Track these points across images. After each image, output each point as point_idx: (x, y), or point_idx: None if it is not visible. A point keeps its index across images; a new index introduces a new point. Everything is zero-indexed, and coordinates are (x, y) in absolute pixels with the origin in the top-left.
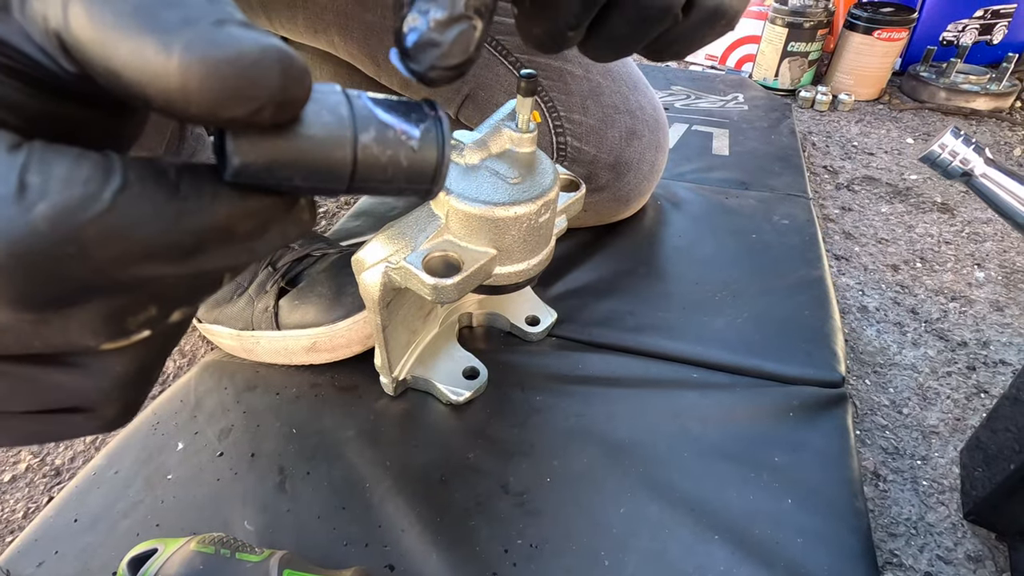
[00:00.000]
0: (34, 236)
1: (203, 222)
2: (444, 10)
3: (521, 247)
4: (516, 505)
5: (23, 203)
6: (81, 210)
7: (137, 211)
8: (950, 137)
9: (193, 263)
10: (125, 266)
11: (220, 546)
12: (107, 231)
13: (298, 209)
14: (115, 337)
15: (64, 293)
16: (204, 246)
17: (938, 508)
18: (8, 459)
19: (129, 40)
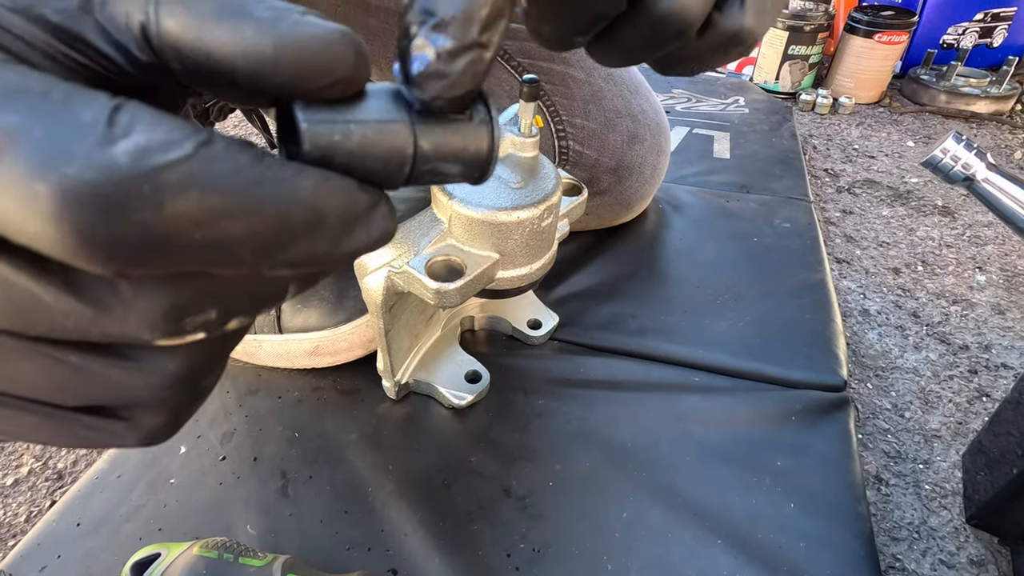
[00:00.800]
0: (112, 168)
1: (287, 192)
2: (454, 39)
3: (524, 251)
4: (519, 509)
5: (108, 136)
6: (163, 152)
7: (219, 166)
8: (952, 142)
9: (270, 249)
10: (199, 225)
11: (223, 551)
12: (186, 178)
13: (382, 206)
14: (171, 334)
15: (131, 247)
16: (285, 225)
17: (940, 512)
18: (11, 462)
19: (227, 27)
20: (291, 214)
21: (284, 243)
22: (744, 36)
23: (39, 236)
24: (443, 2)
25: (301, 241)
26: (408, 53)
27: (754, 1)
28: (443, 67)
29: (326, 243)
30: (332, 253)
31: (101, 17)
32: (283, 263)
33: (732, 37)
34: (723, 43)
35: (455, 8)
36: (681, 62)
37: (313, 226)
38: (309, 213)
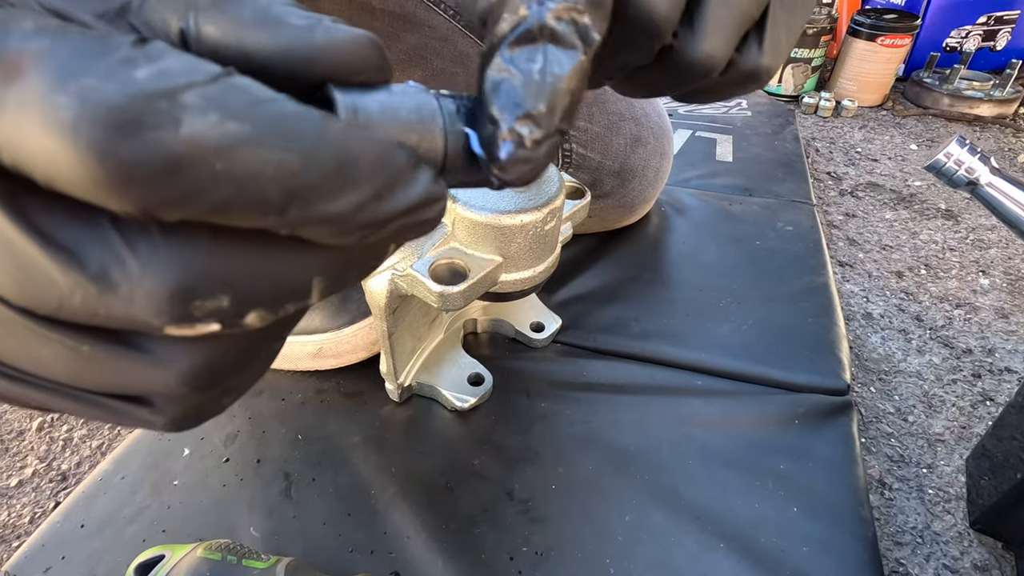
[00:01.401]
0: (131, 83)
1: (315, 128)
2: (540, 130)
3: (527, 255)
4: (521, 512)
5: (131, 58)
6: (184, 75)
7: (242, 94)
8: (955, 146)
9: (300, 190)
10: (219, 153)
11: (227, 552)
12: (206, 100)
13: (424, 168)
14: (179, 319)
15: (148, 169)
16: (314, 162)
17: (944, 517)
18: (15, 464)
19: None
20: (319, 151)
21: (314, 186)
22: (761, 74)
23: (56, 154)
24: (530, 97)
25: (332, 186)
26: (496, 140)
27: (771, 42)
28: (529, 154)
29: (361, 195)
30: (371, 211)
31: (138, 22)
32: (317, 216)
33: (750, 75)
34: (742, 80)
35: (542, 103)
36: (699, 94)
37: (345, 170)
38: (339, 153)
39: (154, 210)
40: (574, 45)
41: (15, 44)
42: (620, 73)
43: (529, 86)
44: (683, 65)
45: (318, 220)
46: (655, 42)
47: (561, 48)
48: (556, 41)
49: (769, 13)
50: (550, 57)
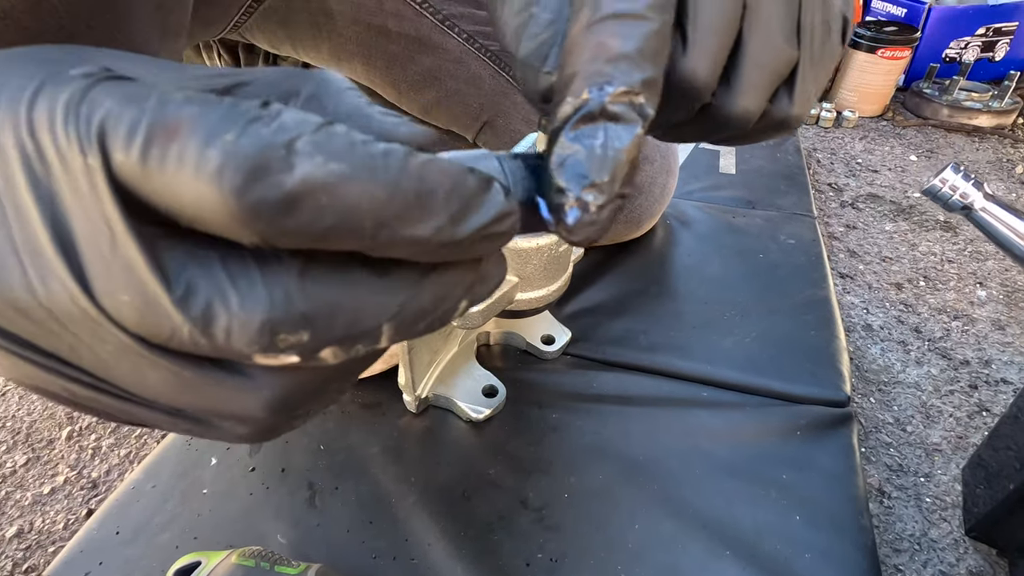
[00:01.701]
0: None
1: (398, 163)
2: (604, 196)
3: (541, 275)
4: (536, 520)
5: (259, 117)
6: (296, 127)
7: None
8: (950, 172)
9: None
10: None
11: (260, 559)
12: (313, 146)
13: (494, 190)
14: (266, 349)
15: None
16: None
17: (941, 524)
18: (47, 471)
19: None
20: (402, 183)
21: (399, 214)
22: (791, 122)
23: (208, 200)
24: (594, 169)
25: (415, 213)
26: (564, 207)
27: (800, 95)
28: (594, 218)
29: (440, 219)
30: (450, 233)
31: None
32: (404, 239)
33: (781, 124)
34: (772, 128)
35: (605, 174)
36: (732, 141)
37: (424, 198)
38: (418, 183)
39: (274, 238)
40: (631, 121)
41: (172, 112)
42: (661, 128)
43: (592, 159)
44: (721, 120)
45: (404, 242)
46: (696, 103)
47: (620, 124)
48: (614, 119)
49: (799, 70)
50: (610, 133)
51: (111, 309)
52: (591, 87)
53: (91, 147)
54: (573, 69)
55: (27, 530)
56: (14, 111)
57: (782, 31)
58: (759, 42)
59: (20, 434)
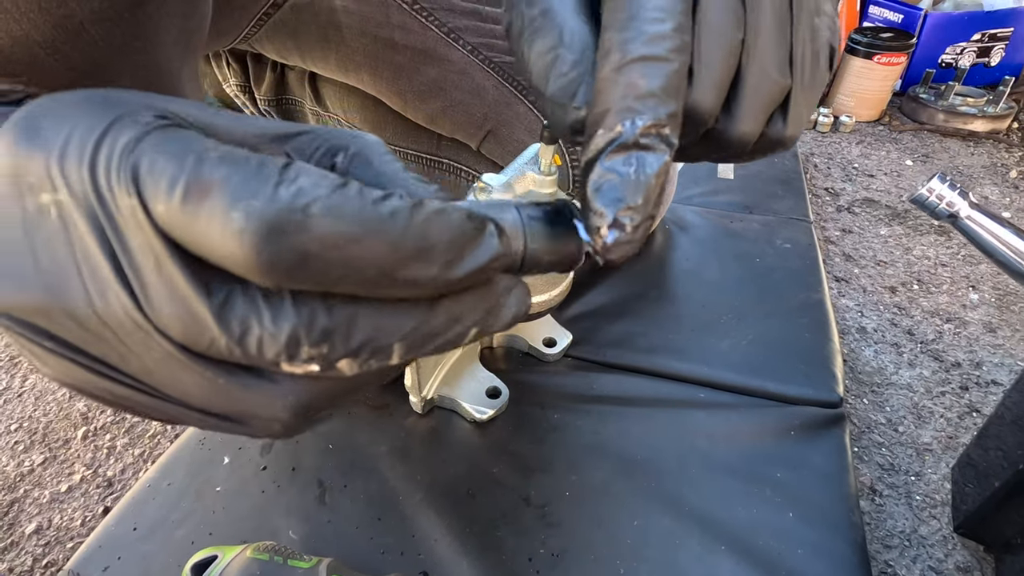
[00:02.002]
0: (278, 201)
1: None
2: (639, 216)
3: (543, 281)
4: (538, 517)
5: (279, 182)
6: (312, 191)
7: (351, 203)
8: (937, 182)
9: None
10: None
11: (273, 553)
12: (325, 209)
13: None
14: (292, 358)
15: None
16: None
17: (930, 522)
18: (63, 470)
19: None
20: (404, 240)
21: (400, 263)
22: (786, 142)
23: (231, 252)
24: (629, 193)
25: (415, 263)
26: (601, 228)
27: (794, 117)
28: (630, 237)
29: (437, 266)
30: (446, 275)
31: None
32: (404, 281)
33: (777, 143)
34: (770, 148)
35: (639, 197)
36: (732, 159)
37: (423, 251)
38: (419, 240)
39: (288, 285)
40: (660, 150)
41: (207, 172)
42: None
43: (627, 184)
44: (723, 143)
45: (403, 285)
46: (701, 129)
47: (649, 153)
48: (645, 149)
49: (791, 96)
50: (641, 161)
51: (158, 321)
52: (623, 120)
53: (135, 192)
54: (606, 106)
55: (46, 527)
56: (82, 150)
57: (776, 64)
58: (756, 74)
59: (37, 434)
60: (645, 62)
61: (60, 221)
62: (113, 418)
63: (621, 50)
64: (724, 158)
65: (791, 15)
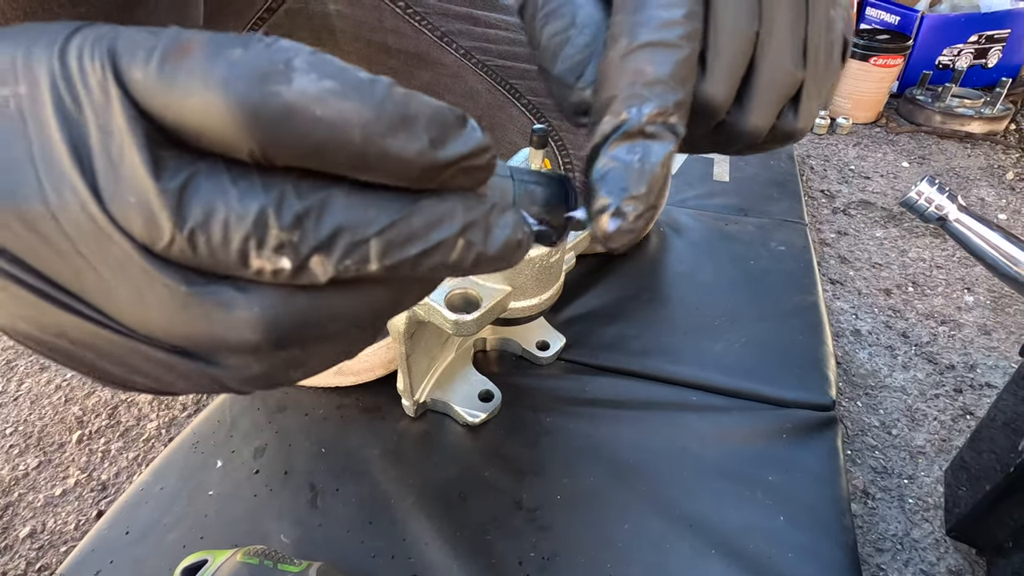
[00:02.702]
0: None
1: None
2: (642, 205)
3: (534, 284)
4: (529, 521)
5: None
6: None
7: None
8: (925, 185)
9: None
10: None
11: (263, 558)
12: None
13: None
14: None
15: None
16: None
17: (923, 525)
18: (58, 474)
19: None
20: (387, 105)
21: (385, 131)
22: (796, 135)
23: (210, 104)
24: (633, 182)
25: (400, 132)
26: (603, 216)
27: (805, 110)
28: (631, 226)
29: (422, 141)
30: (431, 156)
31: None
32: (390, 157)
33: (787, 136)
34: (780, 140)
35: (642, 186)
36: (741, 152)
37: (408, 120)
38: (402, 108)
39: (272, 148)
40: (666, 139)
41: (187, 38)
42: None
43: (631, 173)
44: (734, 135)
45: (390, 160)
46: (712, 121)
47: (655, 141)
48: (651, 137)
49: (804, 89)
50: (647, 150)
51: (118, 215)
52: (629, 107)
53: (109, 65)
54: (612, 92)
55: (40, 530)
56: (51, 45)
57: (791, 56)
58: (770, 67)
59: (32, 438)
60: (654, 48)
61: (18, 113)
62: (108, 422)
63: (630, 35)
64: (733, 150)
65: (806, 6)
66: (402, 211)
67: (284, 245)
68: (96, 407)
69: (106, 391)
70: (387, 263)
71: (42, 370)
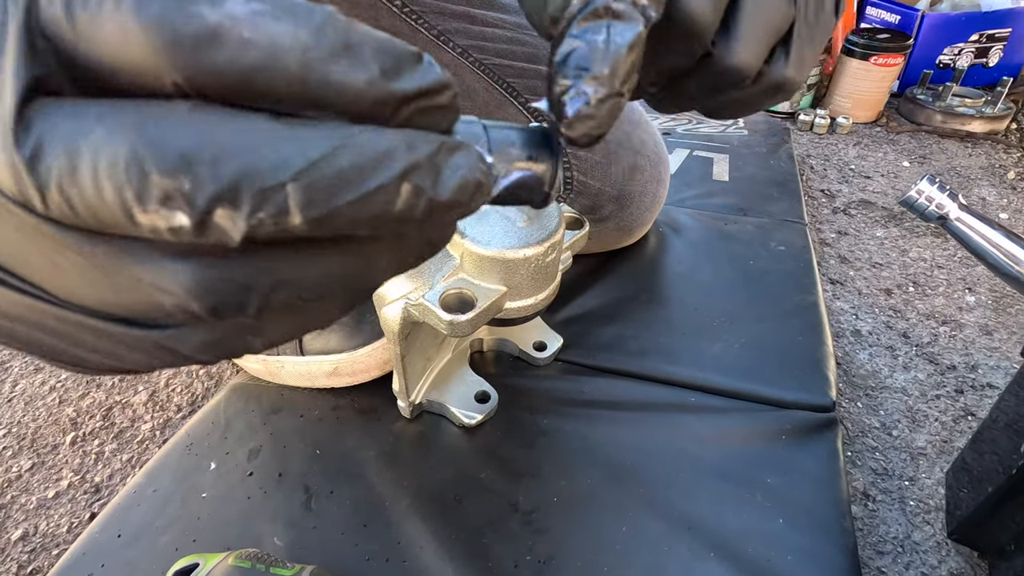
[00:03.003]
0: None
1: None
2: (604, 88)
3: (530, 284)
4: (525, 523)
5: None
6: None
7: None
8: (926, 183)
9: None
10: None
11: (255, 561)
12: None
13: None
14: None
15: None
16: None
17: (924, 527)
18: (51, 476)
19: None
20: (327, 30)
21: (326, 58)
22: (787, 85)
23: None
24: (596, 62)
25: (343, 61)
26: (563, 99)
27: (796, 56)
28: (593, 111)
29: (370, 71)
30: (384, 86)
31: None
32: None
33: (778, 85)
34: (770, 90)
35: (605, 67)
36: (729, 107)
37: (352, 48)
38: (345, 35)
39: (198, 78)
40: (633, 19)
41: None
42: (662, 79)
43: (595, 52)
44: (719, 71)
45: (336, 89)
46: (697, 46)
47: (623, 22)
48: (618, 18)
49: (795, 29)
50: (613, 30)
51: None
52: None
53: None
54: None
55: (32, 533)
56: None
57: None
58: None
59: (25, 439)
60: None
61: None
62: (102, 423)
63: None
64: (719, 106)
65: None
66: (329, 146)
67: (172, 196)
68: (90, 408)
69: (100, 392)
70: (313, 215)
71: (36, 371)
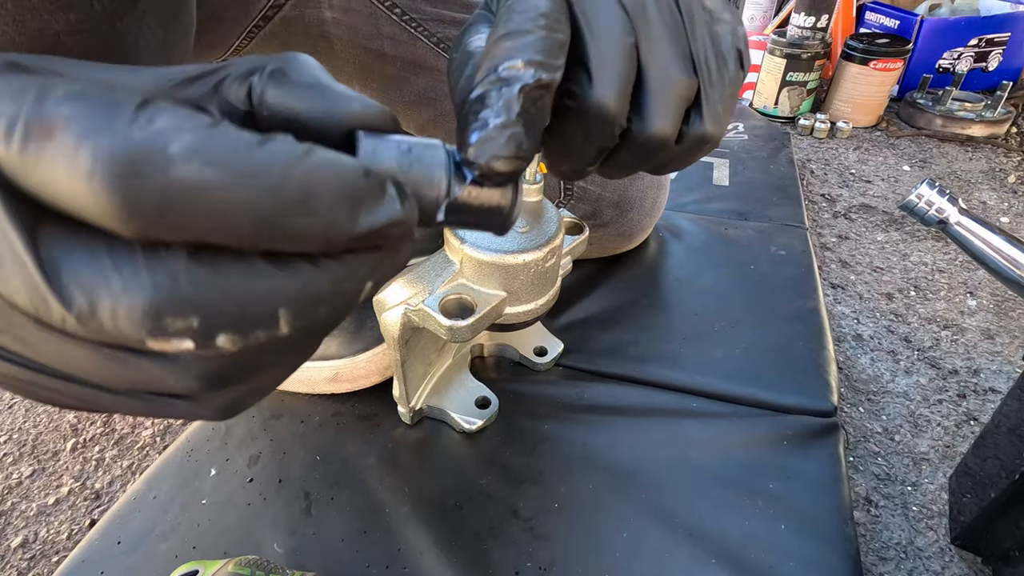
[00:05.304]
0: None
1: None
2: (501, 117)
3: (529, 289)
4: (526, 530)
5: (134, 120)
6: (174, 132)
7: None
8: (925, 188)
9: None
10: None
11: (255, 568)
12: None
13: (388, 194)
14: (154, 333)
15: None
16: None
17: (927, 533)
18: (51, 483)
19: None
20: (283, 189)
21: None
22: (708, 139)
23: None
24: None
25: (298, 218)
26: (468, 131)
27: (710, 114)
28: (494, 133)
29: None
30: (341, 230)
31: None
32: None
33: (700, 141)
34: (694, 146)
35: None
36: (667, 164)
37: (308, 202)
38: (302, 189)
39: (151, 233)
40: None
41: (49, 111)
42: (598, 158)
43: (491, 96)
44: (642, 141)
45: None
46: (615, 128)
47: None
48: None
49: (702, 93)
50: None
51: (7, 296)
52: (490, 72)
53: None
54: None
55: (32, 540)
56: None
57: (675, 63)
58: (656, 72)
59: (26, 446)
60: (513, 35)
61: None
62: (103, 430)
63: (495, 35)
64: (657, 166)
65: (683, 23)
66: (308, 277)
67: (183, 332)
68: (91, 415)
69: None
70: (299, 325)
71: None
